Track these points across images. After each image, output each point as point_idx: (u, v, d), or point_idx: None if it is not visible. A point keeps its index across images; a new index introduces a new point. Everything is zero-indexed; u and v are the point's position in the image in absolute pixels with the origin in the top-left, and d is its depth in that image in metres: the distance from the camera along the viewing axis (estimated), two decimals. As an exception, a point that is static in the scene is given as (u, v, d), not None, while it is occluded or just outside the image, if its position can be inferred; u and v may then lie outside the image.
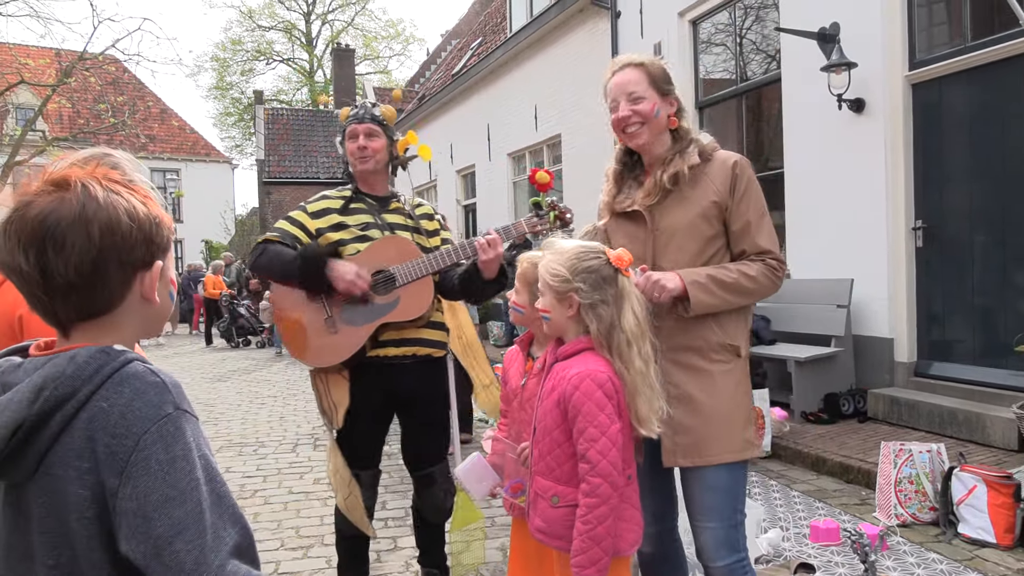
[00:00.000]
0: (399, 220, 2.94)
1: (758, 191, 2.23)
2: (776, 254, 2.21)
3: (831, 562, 3.54)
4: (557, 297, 1.96)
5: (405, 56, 52.93)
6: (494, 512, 4.44)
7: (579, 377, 1.89)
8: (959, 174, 5.69)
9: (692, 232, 2.19)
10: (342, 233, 2.82)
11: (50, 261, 0.99)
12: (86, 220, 1.00)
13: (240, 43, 38.85)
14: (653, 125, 2.25)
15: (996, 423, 4.94)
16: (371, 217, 2.89)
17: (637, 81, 2.26)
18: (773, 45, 7.52)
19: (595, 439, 1.85)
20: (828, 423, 5.86)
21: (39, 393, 0.96)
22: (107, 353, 1.01)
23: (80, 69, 18.38)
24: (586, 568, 1.85)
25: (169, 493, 0.95)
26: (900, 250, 6.01)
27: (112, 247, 1.02)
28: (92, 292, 1.03)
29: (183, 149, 32.60)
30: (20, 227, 1.00)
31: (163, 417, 0.98)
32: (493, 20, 17.66)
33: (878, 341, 6.16)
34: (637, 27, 9.29)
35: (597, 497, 1.85)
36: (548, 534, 1.98)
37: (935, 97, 5.83)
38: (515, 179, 13.70)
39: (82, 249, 1.00)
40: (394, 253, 2.80)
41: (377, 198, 2.96)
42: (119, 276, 1.04)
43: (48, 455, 0.97)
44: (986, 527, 3.70)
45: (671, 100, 2.28)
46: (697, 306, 2.10)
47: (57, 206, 1.00)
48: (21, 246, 0.99)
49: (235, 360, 13.22)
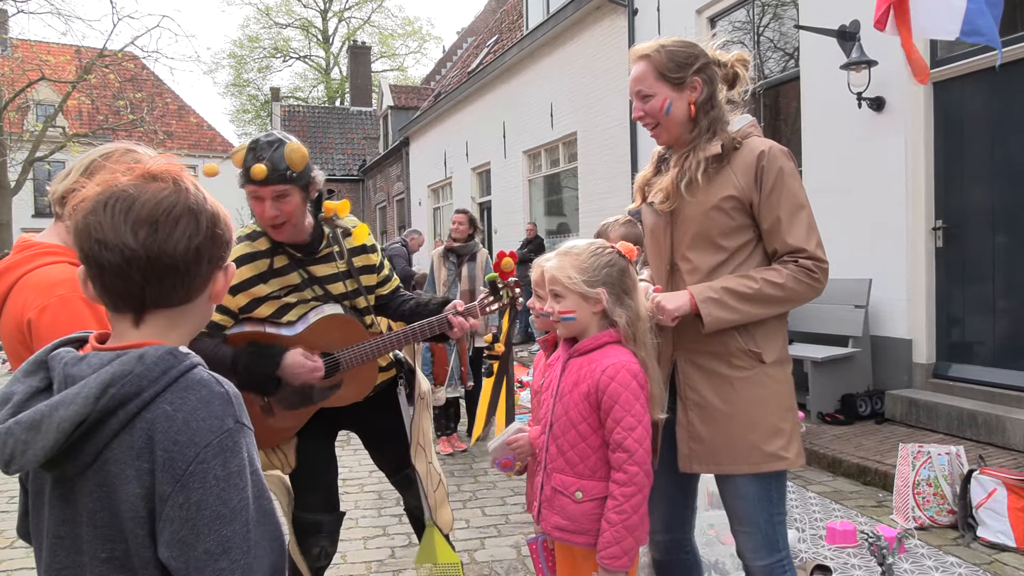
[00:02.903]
0: (329, 271, 2.54)
1: (791, 183, 2.05)
2: (811, 252, 2.02)
3: (848, 564, 3.52)
4: (583, 296, 1.97)
5: (421, 54, 52.92)
6: (509, 510, 4.44)
7: (615, 368, 1.91)
8: (980, 174, 5.62)
9: (708, 225, 2.07)
10: (267, 307, 2.45)
11: (160, 241, 1.02)
12: (197, 211, 1.06)
13: (257, 40, 39.10)
14: (667, 123, 2.12)
15: (1016, 426, 4.88)
16: (298, 277, 2.48)
17: (644, 76, 2.12)
18: (792, 43, 7.47)
19: (632, 427, 1.87)
20: (845, 424, 5.82)
21: (106, 390, 0.97)
22: (174, 355, 1.02)
23: (100, 66, 18.56)
24: (619, 559, 1.86)
25: (221, 510, 0.97)
26: (920, 250, 5.95)
27: (212, 240, 1.08)
28: (186, 279, 1.06)
29: (200, 146, 32.82)
30: (130, 206, 1.02)
31: (225, 431, 1.00)
32: (509, 17, 17.66)
33: (896, 342, 6.11)
34: (654, 24, 9.25)
35: (634, 486, 1.86)
36: (571, 531, 1.97)
37: (956, 96, 5.77)
38: (531, 177, 13.69)
39: (191, 235, 1.05)
40: (339, 336, 2.52)
41: (302, 246, 2.48)
42: (207, 270, 1.09)
43: (105, 451, 0.98)
44: (1006, 531, 3.66)
45: (692, 86, 2.10)
46: (712, 323, 1.99)
47: (173, 193, 1.05)
48: (129, 224, 1.01)
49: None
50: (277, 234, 2.39)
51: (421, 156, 20.01)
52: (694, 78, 2.10)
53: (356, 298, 2.62)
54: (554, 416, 2.02)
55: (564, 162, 12.43)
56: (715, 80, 2.13)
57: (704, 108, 2.11)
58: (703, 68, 2.11)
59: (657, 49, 2.12)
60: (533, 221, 13.03)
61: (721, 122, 2.12)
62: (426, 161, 19.45)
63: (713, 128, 2.10)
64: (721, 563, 3.22)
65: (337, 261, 2.56)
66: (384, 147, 24.29)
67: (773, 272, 2.02)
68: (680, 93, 2.10)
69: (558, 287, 2.00)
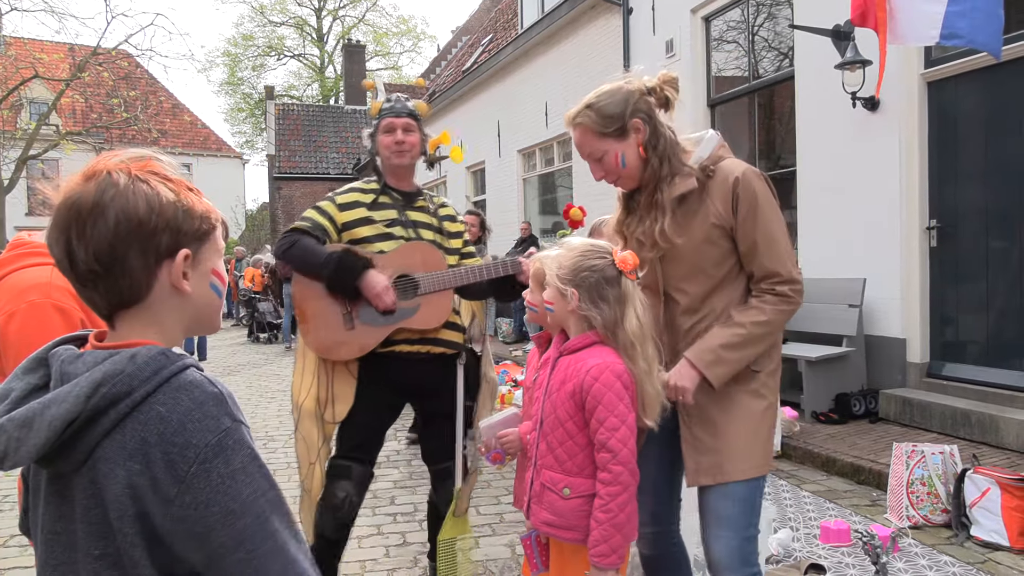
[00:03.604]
0: (423, 219, 2.92)
1: (767, 207, 2.06)
2: (786, 276, 2.06)
3: (841, 563, 3.52)
4: (559, 292, 1.99)
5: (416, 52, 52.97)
6: (503, 509, 4.43)
7: (599, 368, 1.91)
8: (974, 174, 5.64)
9: (700, 258, 2.11)
10: (367, 229, 2.81)
11: (74, 248, 1.01)
12: (103, 206, 1.01)
13: (251, 39, 38.99)
14: (627, 173, 2.14)
15: (1010, 425, 4.89)
16: (396, 213, 2.87)
17: (584, 141, 2.14)
18: (786, 42, 7.48)
19: (615, 428, 1.88)
20: (839, 423, 5.82)
21: (97, 389, 0.97)
22: (166, 356, 1.02)
23: (93, 64, 18.50)
24: (607, 556, 1.87)
25: (231, 506, 0.97)
26: (914, 250, 5.97)
27: (129, 234, 1.02)
28: (114, 280, 1.03)
29: (194, 144, 32.77)
30: (55, 216, 1.02)
31: (223, 430, 0.99)
32: (504, 16, 17.64)
33: (890, 341, 6.12)
34: (649, 24, 9.25)
35: (619, 485, 1.88)
36: (559, 526, 1.98)
37: (951, 96, 5.78)
38: (525, 176, 13.68)
39: (100, 235, 1.00)
40: (420, 260, 2.80)
41: (404, 193, 2.93)
42: (140, 264, 1.03)
43: (97, 449, 0.98)
44: (999, 530, 3.67)
45: (634, 128, 2.09)
46: (719, 381, 2.06)
47: (78, 194, 1.01)
48: (55, 234, 1.02)
49: (245, 354, 13.27)
50: (400, 158, 2.86)
51: (416, 155, 19.97)
52: (633, 120, 2.09)
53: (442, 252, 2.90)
54: (544, 413, 2.04)
55: (558, 161, 12.43)
56: (652, 112, 2.11)
57: (651, 144, 2.10)
58: (636, 108, 2.09)
59: (584, 112, 2.12)
60: (528, 220, 13.01)
61: (672, 150, 2.11)
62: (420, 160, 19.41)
63: (667, 159, 2.10)
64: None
65: (431, 215, 2.94)
66: (379, 146, 24.22)
67: (755, 312, 2.07)
68: (626, 141, 2.10)
69: (543, 277, 2.04)
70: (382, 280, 2.67)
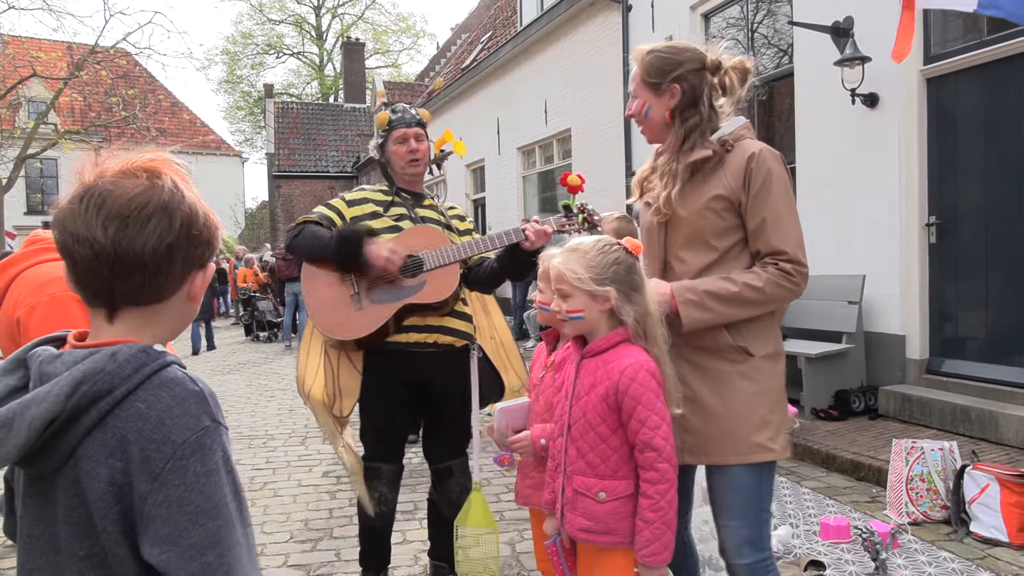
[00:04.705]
0: (432, 215, 3.03)
1: (779, 186, 2.06)
2: (791, 255, 2.05)
3: (841, 559, 3.52)
4: (591, 295, 1.95)
5: (415, 50, 52.73)
6: (503, 507, 4.44)
7: (634, 368, 1.90)
8: (974, 170, 5.64)
9: (701, 225, 2.10)
10: (376, 222, 2.89)
11: (129, 238, 1.01)
12: (172, 209, 1.05)
13: (250, 37, 38.97)
14: (647, 124, 2.20)
15: (1009, 421, 4.90)
16: (406, 210, 2.98)
17: (634, 77, 2.20)
18: (786, 39, 7.47)
19: (658, 426, 1.89)
20: (839, 420, 5.83)
21: (77, 387, 0.97)
22: (147, 353, 1.02)
23: (91, 62, 18.46)
24: (660, 554, 1.88)
25: (204, 505, 0.97)
26: (913, 246, 5.97)
27: (186, 240, 1.06)
28: (156, 277, 1.05)
29: (193, 143, 32.71)
30: (103, 201, 1.02)
31: (202, 428, 0.99)
32: (503, 14, 17.63)
33: (890, 338, 6.12)
34: (648, 21, 9.24)
35: (668, 482, 1.89)
36: (596, 532, 1.96)
37: (950, 92, 5.78)
38: (525, 173, 13.68)
39: (162, 234, 1.03)
40: (424, 241, 2.88)
41: (413, 195, 3.06)
42: (181, 269, 1.08)
43: (79, 448, 0.98)
44: (999, 526, 3.67)
45: (671, 91, 2.13)
46: (691, 323, 2.04)
47: (147, 189, 1.04)
48: (100, 219, 1.01)
49: (245, 353, 13.27)
50: (415, 167, 2.98)
51: (415, 153, 19.95)
52: (672, 85, 2.13)
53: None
54: (571, 419, 2.01)
55: (558, 158, 12.42)
56: (699, 87, 2.13)
57: (683, 115, 2.14)
58: (684, 76, 2.12)
59: (648, 52, 2.17)
60: (527, 218, 13.01)
61: (701, 130, 2.12)
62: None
63: (691, 136, 2.12)
64: (716, 559, 3.22)
65: (439, 213, 3.05)
66: (378, 144, 24.22)
67: (752, 275, 2.05)
68: (659, 98, 2.16)
69: (565, 286, 1.98)
70: (386, 245, 2.74)
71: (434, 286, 2.84)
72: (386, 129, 3.00)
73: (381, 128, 3.01)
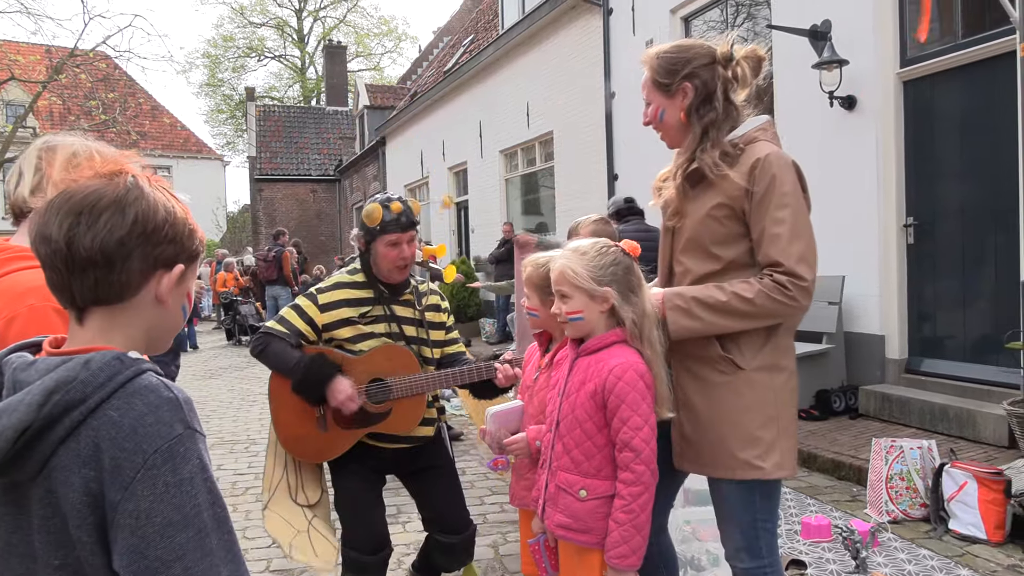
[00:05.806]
0: (408, 313, 2.88)
1: (782, 194, 1.95)
2: (789, 268, 1.93)
3: (822, 559, 3.55)
4: (590, 295, 1.96)
5: (397, 53, 52.53)
6: (487, 510, 4.43)
7: (622, 368, 1.91)
8: (950, 171, 5.71)
9: (701, 232, 2.06)
10: (348, 330, 2.77)
11: (79, 234, 1.01)
12: (125, 204, 1.04)
13: (232, 40, 38.70)
14: (664, 128, 2.14)
15: (987, 419, 4.96)
16: (383, 309, 2.83)
17: (645, 83, 2.14)
18: (764, 42, 7.53)
19: (639, 428, 1.89)
20: (820, 420, 5.88)
21: (50, 396, 0.95)
22: (121, 361, 1.00)
23: (71, 66, 18.28)
24: (628, 557, 1.87)
25: (172, 517, 0.95)
26: (892, 247, 6.03)
27: (141, 235, 1.04)
28: (109, 274, 1.03)
29: (174, 146, 32.48)
30: (63, 201, 1.03)
31: (175, 437, 0.97)
32: (485, 17, 17.64)
33: (869, 338, 6.18)
34: (629, 24, 9.29)
35: (641, 485, 1.88)
36: (574, 529, 1.97)
37: (927, 94, 5.85)
38: (507, 176, 13.68)
39: (112, 228, 1.02)
40: (394, 364, 2.77)
41: (391, 286, 2.86)
42: (140, 266, 1.05)
43: (52, 458, 0.96)
44: (977, 523, 3.71)
45: (683, 91, 2.07)
46: (676, 330, 2.00)
47: (102, 187, 1.04)
48: (58, 217, 1.02)
49: (227, 357, 13.19)
50: (402, 274, 2.80)
51: (397, 156, 19.93)
52: (683, 84, 2.07)
53: (423, 346, 2.88)
54: (560, 414, 2.03)
55: (540, 161, 12.44)
56: (711, 82, 2.06)
57: (698, 112, 2.07)
58: (694, 72, 2.06)
59: (655, 56, 2.12)
60: (510, 220, 13.02)
61: (718, 125, 2.05)
62: (403, 161, 19.38)
63: (709, 132, 2.05)
64: (697, 559, 3.24)
65: (415, 308, 2.89)
66: (360, 147, 24.15)
67: (745, 286, 1.97)
68: (672, 100, 2.10)
69: (565, 287, 1.98)
70: (347, 386, 2.63)
71: (400, 416, 2.76)
72: (378, 228, 2.74)
73: (371, 224, 2.75)
